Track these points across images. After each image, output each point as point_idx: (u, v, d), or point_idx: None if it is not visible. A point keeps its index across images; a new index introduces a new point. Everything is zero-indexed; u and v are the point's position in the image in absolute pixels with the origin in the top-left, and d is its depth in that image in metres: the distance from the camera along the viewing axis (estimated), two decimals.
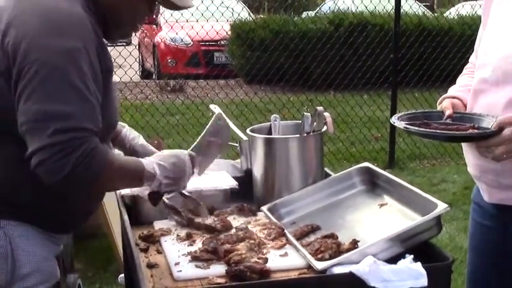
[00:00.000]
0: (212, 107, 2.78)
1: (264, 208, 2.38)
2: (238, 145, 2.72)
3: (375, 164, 2.71)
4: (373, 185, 2.44)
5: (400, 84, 7.76)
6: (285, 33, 10.37)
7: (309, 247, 2.04)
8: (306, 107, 7.83)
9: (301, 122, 2.60)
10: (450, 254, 1.97)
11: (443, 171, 6.93)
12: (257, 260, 1.95)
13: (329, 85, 9.33)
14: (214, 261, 1.99)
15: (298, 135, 2.54)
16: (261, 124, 2.74)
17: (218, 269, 1.94)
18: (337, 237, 2.09)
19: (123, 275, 3.06)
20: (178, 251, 2.10)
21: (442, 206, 2.03)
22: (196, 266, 1.97)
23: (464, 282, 2.42)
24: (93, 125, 1.80)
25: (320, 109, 2.51)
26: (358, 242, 2.01)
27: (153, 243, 2.22)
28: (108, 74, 1.96)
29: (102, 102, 1.87)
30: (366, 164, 2.53)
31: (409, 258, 1.87)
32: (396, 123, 2.13)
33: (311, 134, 2.52)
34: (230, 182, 2.59)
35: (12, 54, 1.78)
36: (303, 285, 1.89)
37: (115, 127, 2.16)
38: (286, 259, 2.02)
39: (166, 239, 2.22)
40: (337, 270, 1.87)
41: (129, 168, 2.00)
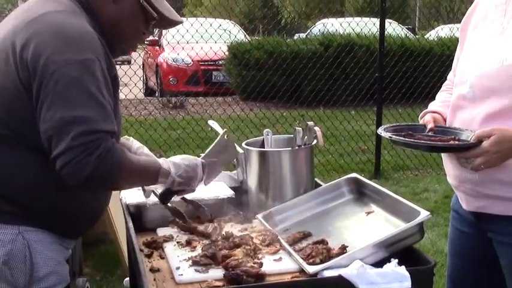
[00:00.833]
0: (210, 122, 2.78)
1: (259, 216, 2.37)
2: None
3: (362, 175, 2.70)
4: (361, 194, 2.44)
5: (384, 100, 7.77)
6: (278, 53, 10.38)
7: (301, 252, 2.03)
8: (297, 122, 7.74)
9: (293, 135, 2.61)
10: (432, 258, 1.96)
11: (425, 181, 6.93)
12: (253, 265, 1.94)
13: (319, 101, 9.33)
14: (213, 266, 1.99)
15: (291, 148, 2.54)
16: (256, 138, 2.74)
17: (216, 273, 1.94)
18: (327, 243, 2.08)
19: (128, 279, 3.04)
20: (180, 256, 2.10)
21: (424, 214, 2.03)
22: (196, 270, 1.97)
23: (445, 284, 2.41)
24: (110, 127, 1.84)
25: (311, 124, 2.52)
26: (347, 247, 2.00)
27: (156, 249, 2.21)
28: (115, 80, 1.99)
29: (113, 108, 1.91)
30: (353, 175, 2.53)
31: (394, 262, 1.86)
32: (382, 134, 2.15)
33: (302, 147, 2.52)
34: (227, 192, 2.59)
35: (32, 68, 1.81)
36: (295, 287, 1.89)
37: (121, 132, 2.18)
38: (280, 263, 2.02)
39: (169, 245, 2.21)
40: (328, 274, 1.87)
41: (146, 165, 2.06)
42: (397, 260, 1.87)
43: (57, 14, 1.90)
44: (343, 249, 1.99)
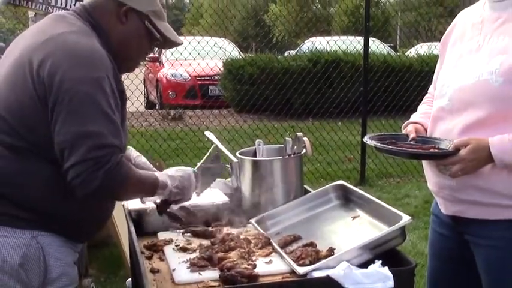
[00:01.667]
0: (207, 133, 2.78)
1: (252, 220, 2.37)
2: (229, 166, 2.70)
3: (348, 182, 2.70)
4: (347, 200, 2.43)
5: (369, 112, 7.76)
6: (270, 69, 10.37)
7: (291, 254, 2.03)
8: (288, 133, 7.84)
9: (283, 145, 2.61)
10: (413, 259, 1.96)
11: (406, 188, 6.93)
12: (247, 266, 1.94)
13: (308, 114, 9.34)
14: (210, 267, 1.98)
15: (281, 157, 2.54)
16: (249, 148, 2.74)
17: (213, 274, 1.93)
18: (316, 246, 2.08)
19: (130, 280, 3.03)
20: (178, 258, 2.09)
21: (406, 218, 2.03)
22: (194, 271, 1.96)
23: (425, 283, 2.41)
24: (118, 142, 1.86)
25: (300, 134, 2.52)
26: (334, 249, 2.00)
27: (157, 252, 2.20)
28: (122, 95, 2.00)
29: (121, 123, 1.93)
30: (340, 182, 2.52)
31: (378, 263, 1.86)
32: (368, 142, 2.16)
33: (292, 156, 2.52)
34: (222, 198, 2.59)
35: (48, 84, 1.82)
36: (286, 287, 1.88)
37: (126, 146, 2.18)
38: (272, 265, 2.01)
39: (168, 248, 2.21)
40: (316, 274, 1.86)
41: (146, 179, 2.05)
42: (380, 261, 1.87)
43: (71, 35, 1.92)
44: (331, 252, 1.99)
